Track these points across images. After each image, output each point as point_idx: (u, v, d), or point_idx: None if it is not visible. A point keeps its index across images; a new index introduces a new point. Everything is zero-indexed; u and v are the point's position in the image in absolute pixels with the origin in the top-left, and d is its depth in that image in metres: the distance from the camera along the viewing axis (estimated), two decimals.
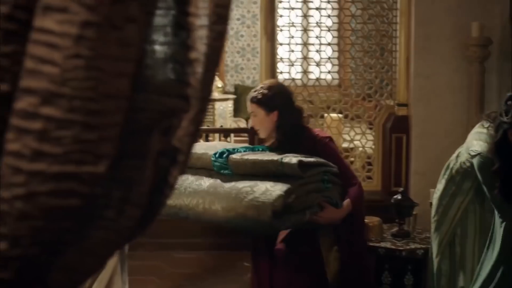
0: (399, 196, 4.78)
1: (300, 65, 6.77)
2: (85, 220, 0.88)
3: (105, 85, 0.82)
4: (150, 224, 0.96)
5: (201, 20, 0.89)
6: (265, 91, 3.75)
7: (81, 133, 0.81)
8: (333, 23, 6.88)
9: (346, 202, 3.67)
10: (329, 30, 6.72)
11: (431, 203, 4.25)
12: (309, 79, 6.64)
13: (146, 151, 0.93)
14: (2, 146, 0.82)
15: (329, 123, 6.57)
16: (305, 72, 6.60)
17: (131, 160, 0.92)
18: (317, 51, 6.70)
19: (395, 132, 6.34)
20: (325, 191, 3.56)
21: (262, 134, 3.85)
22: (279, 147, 3.71)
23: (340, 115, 6.70)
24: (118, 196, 0.91)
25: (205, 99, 0.91)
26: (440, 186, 4.11)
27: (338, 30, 6.94)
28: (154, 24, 0.94)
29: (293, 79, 6.63)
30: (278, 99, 3.76)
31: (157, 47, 0.95)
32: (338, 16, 6.99)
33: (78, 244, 0.89)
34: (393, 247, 4.64)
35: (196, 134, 0.93)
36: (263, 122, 3.78)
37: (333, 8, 6.84)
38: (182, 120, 0.91)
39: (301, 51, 6.80)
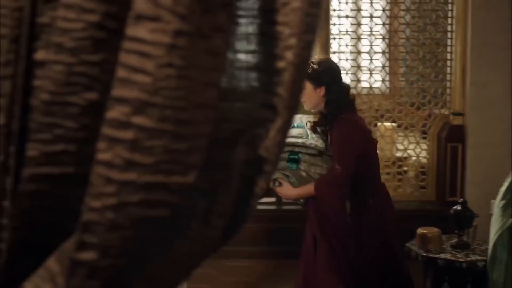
0: (458, 207, 4.70)
1: (354, 74, 6.73)
2: (172, 231, 0.87)
3: (195, 95, 0.82)
4: (235, 235, 0.95)
5: (290, 29, 0.87)
6: (315, 66, 3.87)
7: (171, 143, 0.81)
8: (387, 31, 6.82)
9: (309, 184, 3.85)
10: (383, 39, 6.67)
11: (491, 214, 4.17)
12: (363, 87, 6.60)
13: (231, 161, 0.92)
14: (92, 155, 0.81)
15: (382, 132, 6.51)
16: (358, 80, 6.56)
17: (217, 170, 0.91)
18: (370, 59, 6.63)
19: (451, 141, 6.25)
20: (286, 170, 3.85)
21: (307, 107, 3.99)
22: (319, 122, 3.95)
23: (394, 124, 6.64)
24: (203, 207, 0.90)
25: (293, 109, 0.90)
26: (506, 183, 4.05)
27: (390, 38, 6.88)
28: (239, 32, 0.93)
29: None
30: (327, 75, 3.89)
31: (241, 56, 0.94)
32: (391, 24, 6.93)
33: (164, 254, 0.88)
34: (453, 258, 4.56)
35: (283, 143, 0.92)
36: (310, 96, 3.90)
37: (387, 16, 6.78)
38: (269, 129, 0.90)
39: (354, 59, 6.75)
